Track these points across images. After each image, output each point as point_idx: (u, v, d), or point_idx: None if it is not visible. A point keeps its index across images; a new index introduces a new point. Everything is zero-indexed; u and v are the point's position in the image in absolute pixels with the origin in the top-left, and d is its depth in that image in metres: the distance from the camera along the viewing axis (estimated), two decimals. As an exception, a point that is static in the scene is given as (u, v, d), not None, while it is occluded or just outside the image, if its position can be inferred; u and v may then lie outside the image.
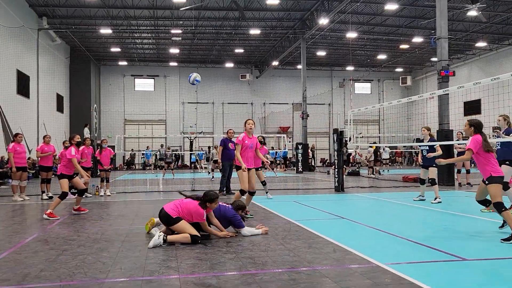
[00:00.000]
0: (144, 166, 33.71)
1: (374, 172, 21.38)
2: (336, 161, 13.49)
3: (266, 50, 35.29)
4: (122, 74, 37.98)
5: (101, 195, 12.45)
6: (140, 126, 37.90)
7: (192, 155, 32.29)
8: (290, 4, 25.77)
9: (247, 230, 6.17)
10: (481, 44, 31.62)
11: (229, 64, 38.37)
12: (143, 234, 6.39)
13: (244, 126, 8.01)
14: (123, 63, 37.09)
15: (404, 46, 33.02)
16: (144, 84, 38.60)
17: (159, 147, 26.54)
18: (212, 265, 4.64)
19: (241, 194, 7.91)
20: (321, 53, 34.83)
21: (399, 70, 41.41)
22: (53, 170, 12.73)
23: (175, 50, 33.60)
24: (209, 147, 26.03)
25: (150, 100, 37.95)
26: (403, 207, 9.62)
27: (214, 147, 22.64)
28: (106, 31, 27.59)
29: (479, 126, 5.92)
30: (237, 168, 8.00)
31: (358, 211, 9.29)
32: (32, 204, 10.74)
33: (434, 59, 29.33)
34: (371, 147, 21.24)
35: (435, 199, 9.99)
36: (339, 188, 13.20)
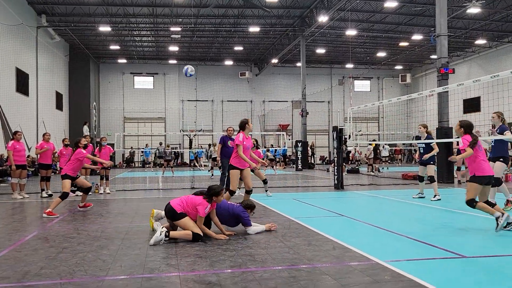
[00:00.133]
0: (144, 164, 33.73)
1: (374, 170, 21.40)
2: (335, 158, 13.50)
3: (265, 48, 35.25)
4: (121, 72, 37.94)
5: (100, 193, 12.45)
6: (140, 124, 37.90)
7: (191, 152, 32.26)
8: (289, 2, 25.73)
9: (253, 230, 6.15)
10: (480, 41, 31.61)
11: (228, 62, 38.33)
12: (143, 232, 6.39)
13: (245, 126, 8.04)
14: (122, 61, 37.04)
15: (403, 44, 33.00)
16: (144, 82, 38.57)
17: (158, 145, 26.50)
18: (212, 262, 4.65)
19: (230, 195, 7.97)
20: (320, 50, 34.80)
21: (399, 67, 41.40)
22: (52, 168, 12.72)
23: (174, 48, 33.56)
24: (209, 145, 26.02)
25: (150, 98, 37.91)
26: (402, 205, 9.64)
27: (213, 144, 22.63)
28: (105, 28, 27.56)
29: (469, 127, 6.36)
30: (230, 168, 8.01)
31: (358, 209, 9.30)
32: (31, 202, 10.74)
33: (434, 56, 29.37)
34: (371, 144, 21.26)
35: (434, 196, 10.00)
36: (339, 185, 13.22)
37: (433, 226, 6.80)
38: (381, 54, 36.67)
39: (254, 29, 28.39)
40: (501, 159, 8.14)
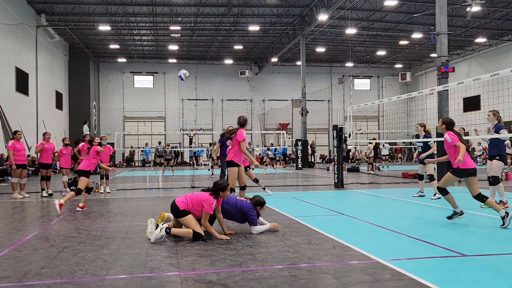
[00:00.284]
0: (144, 163, 33.73)
1: (374, 168, 21.41)
2: (335, 157, 13.49)
3: (265, 47, 35.22)
4: (121, 71, 37.92)
5: (100, 192, 12.45)
6: (140, 123, 37.89)
7: (191, 151, 32.25)
8: (289, 0, 25.70)
9: (256, 230, 6.11)
10: (480, 40, 31.59)
11: (228, 61, 38.30)
12: (143, 231, 6.38)
13: (246, 123, 8.11)
14: (122, 60, 37.02)
15: (403, 42, 32.98)
16: (143, 81, 38.55)
17: (157, 144, 26.49)
18: (212, 261, 4.65)
19: (241, 190, 7.96)
20: (320, 49, 34.78)
21: (399, 66, 41.37)
22: (52, 167, 12.72)
23: (174, 47, 33.53)
24: (210, 144, 26.02)
25: (149, 97, 37.91)
26: (402, 203, 9.65)
27: (214, 143, 22.63)
28: (105, 28, 27.53)
29: (451, 124, 6.97)
30: (229, 165, 7.93)
31: (358, 207, 9.30)
32: (32, 202, 10.74)
33: (434, 55, 29.32)
34: (371, 143, 21.26)
35: (434, 195, 10.02)
36: (339, 184, 13.22)
37: (433, 225, 6.81)
38: (381, 53, 36.65)
39: (254, 28, 28.37)
40: (497, 157, 8.22)
